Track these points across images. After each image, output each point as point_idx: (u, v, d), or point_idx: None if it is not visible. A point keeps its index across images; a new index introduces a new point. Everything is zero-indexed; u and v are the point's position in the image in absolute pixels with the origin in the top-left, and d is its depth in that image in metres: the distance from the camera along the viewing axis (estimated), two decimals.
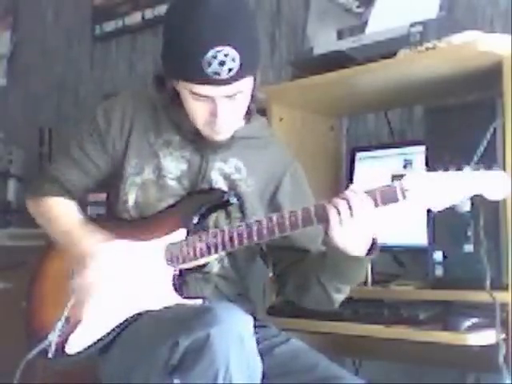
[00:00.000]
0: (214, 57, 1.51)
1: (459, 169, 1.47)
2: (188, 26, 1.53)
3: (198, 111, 1.61)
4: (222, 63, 1.51)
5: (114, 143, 1.75)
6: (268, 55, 2.88)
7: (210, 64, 1.51)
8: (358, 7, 2.39)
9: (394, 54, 1.90)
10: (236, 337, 1.39)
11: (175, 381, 1.42)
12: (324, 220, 1.51)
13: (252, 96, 1.65)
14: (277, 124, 2.24)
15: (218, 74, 1.52)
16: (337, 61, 2.01)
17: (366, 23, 2.14)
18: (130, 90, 2.24)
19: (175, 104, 1.68)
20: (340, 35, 2.24)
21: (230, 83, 1.55)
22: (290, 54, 2.78)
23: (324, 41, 2.30)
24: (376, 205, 1.49)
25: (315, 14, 2.49)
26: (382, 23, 2.06)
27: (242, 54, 1.53)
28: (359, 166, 2.32)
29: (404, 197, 1.47)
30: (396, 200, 1.48)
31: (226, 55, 1.51)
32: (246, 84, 1.60)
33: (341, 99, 2.24)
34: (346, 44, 2.09)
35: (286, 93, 2.22)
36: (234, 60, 1.52)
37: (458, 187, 1.46)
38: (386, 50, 1.92)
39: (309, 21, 2.54)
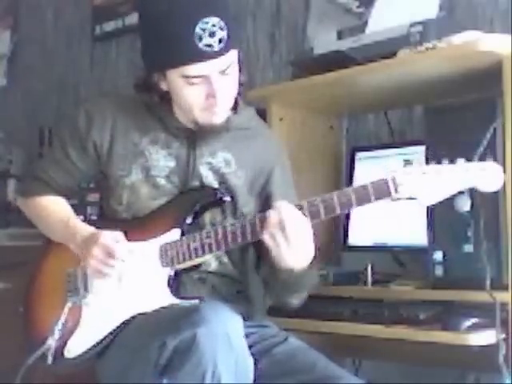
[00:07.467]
0: (204, 29, 1.53)
1: (452, 162, 1.47)
2: (171, 8, 1.55)
3: (194, 97, 1.61)
4: (212, 34, 1.53)
5: (95, 146, 1.74)
6: (268, 55, 2.88)
7: (200, 37, 1.53)
8: (358, 7, 2.39)
9: (394, 54, 1.90)
10: (223, 336, 1.39)
11: (164, 381, 1.42)
12: None
13: (238, 79, 1.66)
14: (277, 124, 2.24)
15: (211, 45, 1.54)
16: (337, 61, 2.01)
17: (366, 23, 2.14)
18: (113, 92, 2.24)
19: (160, 102, 1.68)
20: (340, 35, 2.24)
21: (222, 54, 1.56)
22: (290, 53, 2.77)
23: (324, 41, 2.29)
24: (368, 200, 1.49)
25: (315, 14, 2.48)
26: (381, 23, 2.07)
27: (228, 23, 1.56)
28: (359, 166, 2.32)
29: (396, 191, 1.47)
30: (389, 194, 1.47)
31: (214, 25, 1.54)
32: (234, 57, 1.61)
33: (341, 99, 2.24)
34: (346, 44, 2.09)
35: (286, 93, 2.22)
36: (222, 29, 1.55)
37: (451, 180, 1.46)
38: (386, 50, 1.93)
39: (309, 21, 2.53)
